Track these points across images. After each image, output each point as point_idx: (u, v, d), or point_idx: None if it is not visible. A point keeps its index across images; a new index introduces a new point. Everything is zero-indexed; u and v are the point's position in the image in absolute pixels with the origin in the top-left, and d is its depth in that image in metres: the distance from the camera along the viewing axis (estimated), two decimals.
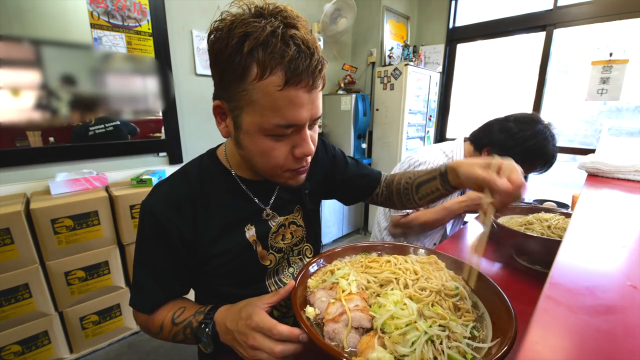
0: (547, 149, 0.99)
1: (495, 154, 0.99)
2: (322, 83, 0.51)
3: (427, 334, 0.40)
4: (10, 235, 1.24)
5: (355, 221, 3.09)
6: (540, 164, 1.03)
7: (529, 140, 0.98)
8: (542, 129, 1.00)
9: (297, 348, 0.46)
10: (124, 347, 1.63)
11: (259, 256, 0.65)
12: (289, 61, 0.45)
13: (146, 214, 0.58)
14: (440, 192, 0.68)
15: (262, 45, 0.44)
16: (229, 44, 0.46)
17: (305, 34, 0.48)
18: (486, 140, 1.08)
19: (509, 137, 1.01)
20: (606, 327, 0.29)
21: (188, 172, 0.63)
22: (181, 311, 0.58)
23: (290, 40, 0.45)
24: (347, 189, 0.84)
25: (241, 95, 0.48)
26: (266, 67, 0.45)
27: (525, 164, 0.94)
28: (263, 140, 0.51)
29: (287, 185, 0.60)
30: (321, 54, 0.49)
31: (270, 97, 0.47)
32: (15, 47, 1.39)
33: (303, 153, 0.53)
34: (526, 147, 0.98)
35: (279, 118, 0.48)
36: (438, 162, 1.11)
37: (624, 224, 0.57)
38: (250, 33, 0.45)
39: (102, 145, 1.70)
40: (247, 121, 0.50)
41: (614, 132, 2.15)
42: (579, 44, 2.38)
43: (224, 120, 0.55)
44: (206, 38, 0.51)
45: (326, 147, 0.81)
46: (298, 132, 0.52)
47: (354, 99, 2.63)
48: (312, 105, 0.50)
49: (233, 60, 0.46)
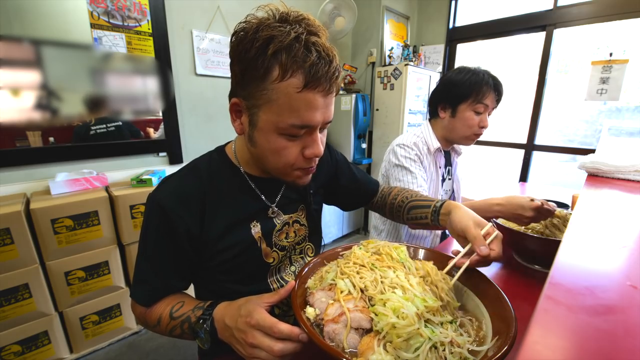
0: (481, 75, 1.06)
1: (448, 106, 1.13)
2: (336, 89, 0.54)
3: (431, 340, 0.40)
4: (10, 235, 1.24)
5: (355, 221, 3.09)
6: (485, 90, 1.07)
7: (460, 75, 1.08)
8: (469, 67, 1.11)
9: (296, 347, 0.46)
10: (124, 347, 1.63)
11: (263, 253, 0.66)
12: (310, 66, 0.48)
13: (154, 208, 0.59)
14: (427, 223, 0.74)
15: (285, 49, 0.47)
16: (254, 45, 0.48)
17: (326, 42, 0.51)
18: (436, 102, 1.18)
19: (447, 85, 1.12)
20: (606, 327, 0.29)
21: (197, 168, 0.64)
22: (180, 305, 0.59)
23: (312, 46, 0.49)
24: (348, 193, 0.87)
25: (260, 94, 0.51)
26: (288, 69, 0.48)
27: (472, 95, 1.06)
28: (277, 139, 0.54)
29: (294, 184, 0.62)
30: (338, 62, 0.52)
31: (288, 97, 0.49)
32: (15, 47, 1.39)
33: (313, 154, 0.56)
34: (463, 81, 1.07)
35: (295, 118, 0.51)
36: (411, 140, 1.17)
37: (624, 224, 0.57)
38: (276, 37, 0.47)
39: (102, 145, 1.70)
40: (263, 119, 0.53)
41: (614, 132, 2.14)
42: (579, 44, 2.37)
43: (239, 117, 0.58)
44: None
45: (330, 151, 0.83)
46: (310, 134, 0.55)
47: (354, 99, 2.63)
48: (326, 109, 0.53)
49: (257, 61, 0.48)
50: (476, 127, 1.10)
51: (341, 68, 0.54)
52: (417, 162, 1.14)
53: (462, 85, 1.07)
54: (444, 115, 1.16)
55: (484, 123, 1.10)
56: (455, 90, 1.09)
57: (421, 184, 1.10)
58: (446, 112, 1.15)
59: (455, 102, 1.11)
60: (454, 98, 1.11)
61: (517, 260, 0.91)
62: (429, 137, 1.19)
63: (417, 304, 0.44)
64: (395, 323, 0.41)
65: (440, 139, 1.20)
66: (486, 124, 1.10)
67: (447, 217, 0.67)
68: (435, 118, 1.21)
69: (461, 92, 1.08)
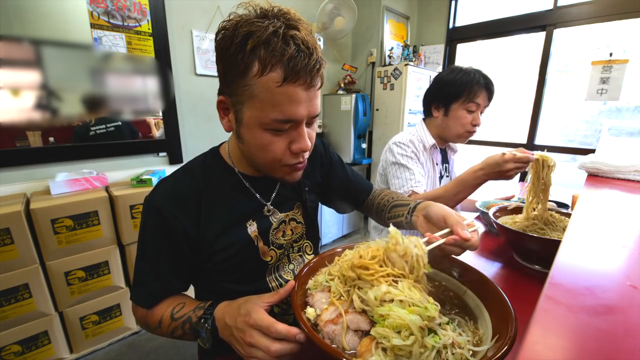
0: (472, 75, 1.08)
1: (440, 105, 1.15)
2: (320, 82, 0.53)
3: (435, 348, 0.39)
4: (10, 235, 1.24)
5: (355, 221, 3.09)
6: (477, 89, 1.09)
7: (452, 74, 1.11)
8: (461, 66, 1.13)
9: (293, 348, 0.46)
10: (124, 347, 1.63)
11: (260, 252, 0.66)
12: (288, 59, 0.47)
13: (150, 210, 0.59)
14: (402, 222, 0.71)
15: (264, 44, 0.47)
16: (233, 42, 0.48)
17: (306, 35, 0.50)
18: (429, 101, 1.20)
19: (439, 84, 1.14)
20: (606, 327, 0.29)
21: (192, 169, 0.64)
22: (180, 307, 0.59)
23: (290, 40, 0.48)
24: (341, 195, 0.86)
25: (243, 90, 0.51)
26: (267, 64, 0.47)
27: (463, 94, 1.08)
28: (262, 134, 0.54)
29: (284, 180, 0.62)
30: (320, 55, 0.51)
31: (269, 92, 0.49)
32: (15, 47, 1.39)
33: (300, 148, 0.55)
34: (454, 81, 1.09)
35: (277, 113, 0.51)
36: (407, 138, 1.19)
37: (624, 224, 0.57)
38: (254, 32, 0.47)
39: (102, 145, 1.70)
40: (247, 115, 0.53)
41: (614, 132, 2.14)
42: (579, 44, 2.37)
43: (226, 115, 0.58)
44: (213, 37, 0.53)
45: (326, 149, 0.83)
46: (295, 128, 0.54)
47: (354, 99, 2.63)
48: (309, 103, 0.52)
49: (236, 57, 0.49)
50: (469, 125, 1.13)
51: (324, 61, 0.50)
52: (414, 158, 1.15)
53: (454, 84, 1.10)
54: (437, 114, 1.18)
55: (476, 121, 1.12)
56: (448, 90, 1.12)
57: (419, 180, 1.11)
58: (439, 111, 1.17)
59: (448, 102, 1.13)
60: (447, 97, 1.13)
61: (517, 260, 0.91)
62: (424, 135, 1.21)
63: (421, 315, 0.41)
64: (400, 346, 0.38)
65: (435, 137, 1.22)
66: (479, 122, 1.13)
67: (422, 212, 0.65)
68: (429, 117, 1.23)
69: (453, 91, 1.10)
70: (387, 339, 0.39)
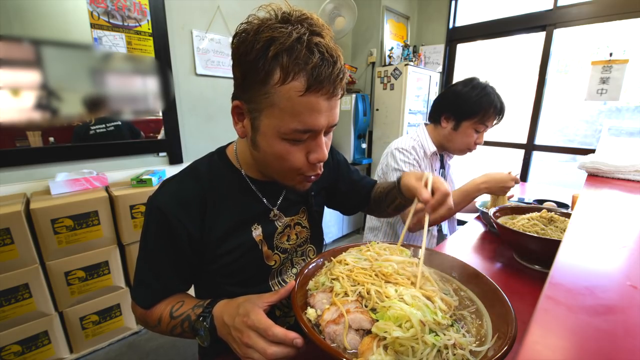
0: (491, 97, 1.08)
1: (452, 118, 1.13)
2: (341, 91, 0.51)
3: (435, 346, 0.39)
4: (10, 235, 1.24)
5: (355, 221, 3.09)
6: (492, 113, 1.09)
7: (472, 92, 1.09)
8: (481, 82, 1.11)
9: (289, 352, 0.45)
10: (124, 347, 1.63)
11: (265, 256, 0.66)
12: (312, 68, 0.46)
13: (154, 211, 0.58)
14: (399, 200, 0.73)
15: (287, 51, 0.45)
16: (254, 48, 0.46)
17: (330, 42, 0.48)
18: (440, 110, 1.18)
19: (456, 97, 1.12)
20: (606, 327, 0.29)
21: (197, 170, 0.63)
22: (179, 305, 0.59)
23: (315, 47, 0.46)
24: (350, 195, 0.86)
25: (262, 98, 0.49)
26: (289, 72, 0.46)
27: (478, 115, 1.08)
28: (279, 144, 0.52)
29: (295, 188, 0.61)
30: (343, 64, 0.50)
31: (290, 101, 0.47)
32: (15, 47, 1.39)
33: (317, 159, 0.54)
34: (473, 99, 1.08)
35: (297, 123, 0.49)
36: (409, 144, 1.19)
37: (624, 224, 0.57)
38: (277, 38, 0.45)
39: (102, 145, 1.70)
40: (265, 124, 0.51)
41: (614, 132, 2.15)
42: (579, 44, 2.38)
43: (241, 120, 0.56)
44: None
45: (332, 153, 0.82)
46: (314, 138, 0.53)
47: (354, 99, 2.63)
48: (330, 113, 0.51)
49: (257, 64, 0.46)
50: (472, 144, 1.15)
51: (346, 70, 0.50)
52: (416, 166, 1.16)
53: (472, 103, 1.08)
54: (445, 126, 1.17)
55: (479, 140, 1.15)
56: (464, 106, 1.10)
57: None
58: (449, 123, 1.16)
59: (461, 117, 1.12)
60: (461, 113, 1.11)
61: (517, 260, 0.91)
62: (426, 141, 1.21)
63: (426, 314, 0.42)
64: (399, 338, 0.39)
65: (436, 144, 1.22)
66: (481, 141, 1.15)
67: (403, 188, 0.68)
68: (435, 124, 1.21)
69: (469, 109, 1.09)
70: (388, 333, 0.40)
